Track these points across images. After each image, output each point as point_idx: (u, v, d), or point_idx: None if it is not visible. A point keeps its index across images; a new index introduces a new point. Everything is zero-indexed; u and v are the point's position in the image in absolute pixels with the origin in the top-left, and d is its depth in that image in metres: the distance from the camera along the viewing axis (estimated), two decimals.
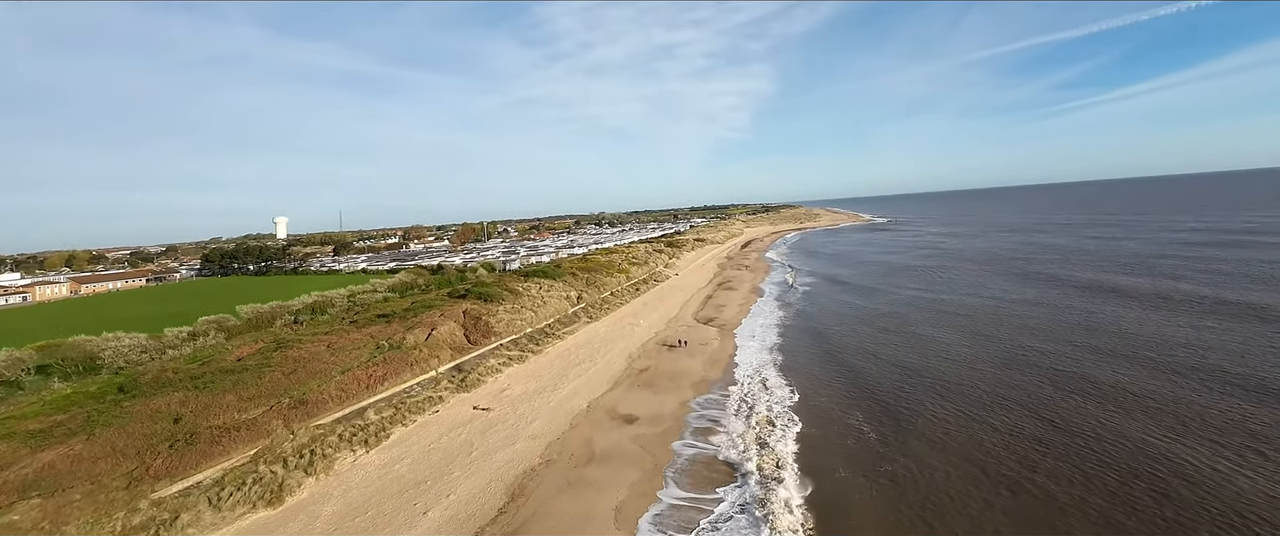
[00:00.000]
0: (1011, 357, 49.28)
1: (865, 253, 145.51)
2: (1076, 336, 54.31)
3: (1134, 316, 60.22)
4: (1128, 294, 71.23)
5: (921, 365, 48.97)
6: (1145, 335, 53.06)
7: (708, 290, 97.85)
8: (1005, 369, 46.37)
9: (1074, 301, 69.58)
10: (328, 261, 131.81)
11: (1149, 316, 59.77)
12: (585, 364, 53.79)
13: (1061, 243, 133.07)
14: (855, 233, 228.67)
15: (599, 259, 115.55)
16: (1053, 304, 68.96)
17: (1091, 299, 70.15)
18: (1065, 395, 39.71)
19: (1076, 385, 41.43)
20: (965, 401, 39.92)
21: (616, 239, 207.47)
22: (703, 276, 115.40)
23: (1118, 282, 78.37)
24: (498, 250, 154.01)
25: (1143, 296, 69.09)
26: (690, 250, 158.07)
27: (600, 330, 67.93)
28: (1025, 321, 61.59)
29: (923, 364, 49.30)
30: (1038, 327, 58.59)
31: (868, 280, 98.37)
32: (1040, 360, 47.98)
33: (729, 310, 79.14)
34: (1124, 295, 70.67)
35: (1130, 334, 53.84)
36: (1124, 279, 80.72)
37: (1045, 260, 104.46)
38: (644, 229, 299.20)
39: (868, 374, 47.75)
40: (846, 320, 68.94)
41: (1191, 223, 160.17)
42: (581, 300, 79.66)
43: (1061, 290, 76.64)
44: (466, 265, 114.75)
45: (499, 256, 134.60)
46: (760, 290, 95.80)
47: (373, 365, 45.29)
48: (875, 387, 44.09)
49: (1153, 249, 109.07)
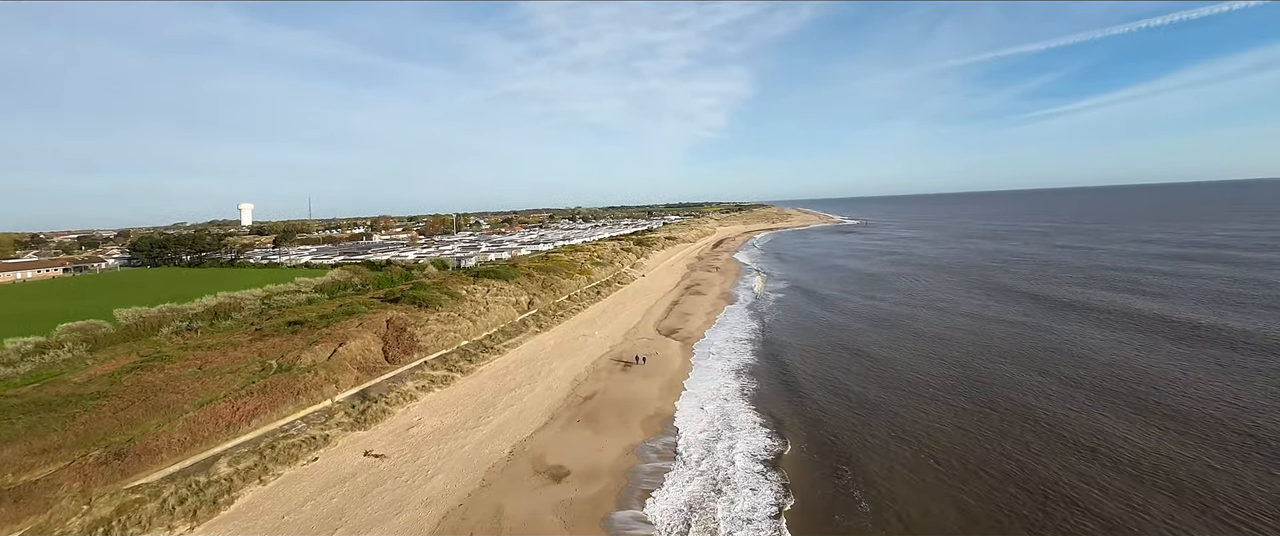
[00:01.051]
0: (992, 398, 41.74)
1: (836, 258, 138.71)
2: (1060, 367, 47.12)
3: (1120, 349, 53.47)
4: (1108, 317, 64.83)
5: (897, 407, 41.11)
6: (1135, 373, 46.14)
7: (674, 295, 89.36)
8: (987, 413, 38.73)
9: (1050, 322, 62.85)
10: (270, 253, 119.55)
11: (1137, 350, 53.09)
12: (521, 388, 44.68)
13: (1032, 252, 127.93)
14: (826, 235, 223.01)
15: (561, 258, 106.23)
16: (1029, 327, 62.05)
17: (1069, 321, 63.49)
18: (1056, 458, 32.10)
19: (1073, 443, 33.90)
20: (941, 465, 32.03)
21: (588, 235, 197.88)
22: (670, 278, 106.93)
23: (1095, 301, 72.09)
24: (458, 245, 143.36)
25: (1121, 320, 62.67)
26: (660, 249, 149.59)
27: (548, 343, 58.81)
28: (1001, 348, 54.36)
29: (897, 405, 41.45)
30: (1016, 354, 51.35)
31: (839, 288, 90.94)
32: (1024, 402, 40.52)
33: (695, 319, 70.73)
34: (1104, 320, 64.20)
35: (1124, 375, 46.87)
36: (1100, 296, 74.58)
37: (1017, 273, 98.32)
38: (618, 225, 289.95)
39: (847, 416, 39.68)
40: (819, 338, 60.93)
41: (1157, 234, 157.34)
42: (532, 305, 70.38)
43: (1038, 310, 69.95)
44: (417, 261, 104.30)
45: (457, 252, 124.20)
46: (729, 296, 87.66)
47: (246, 394, 35.51)
48: (855, 433, 35.98)
49: (1126, 262, 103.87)
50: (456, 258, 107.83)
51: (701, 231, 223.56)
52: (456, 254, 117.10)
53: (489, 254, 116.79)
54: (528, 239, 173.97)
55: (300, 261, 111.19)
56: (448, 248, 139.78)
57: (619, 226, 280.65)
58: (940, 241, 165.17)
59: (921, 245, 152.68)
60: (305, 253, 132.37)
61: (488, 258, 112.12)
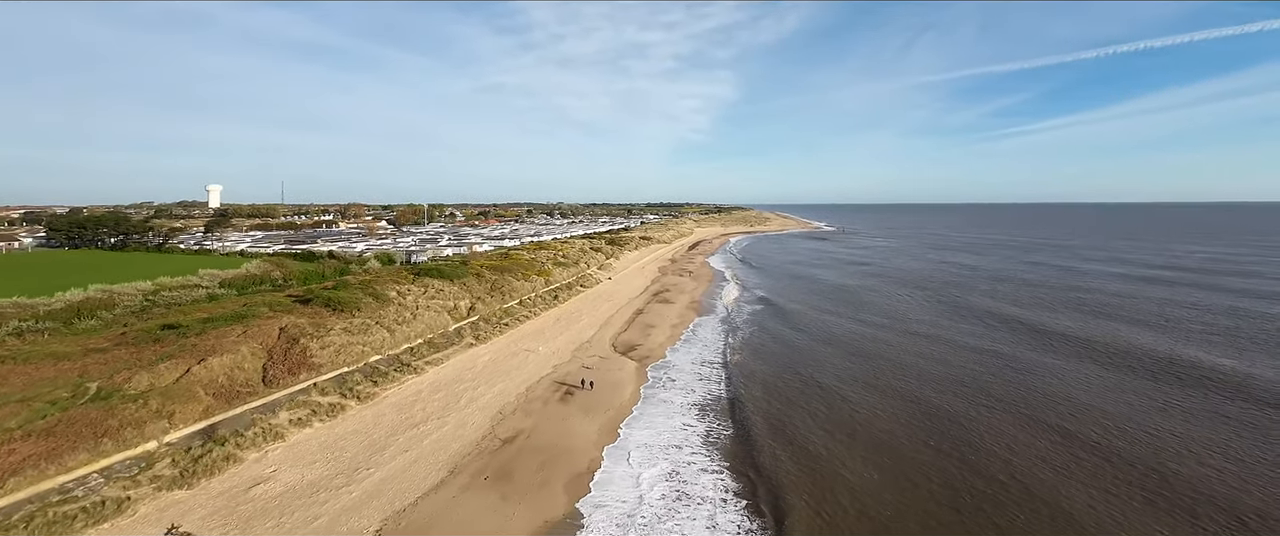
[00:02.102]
0: (973, 458, 33.55)
1: (813, 267, 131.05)
2: (1039, 411, 39.29)
3: (1114, 398, 45.93)
4: (1093, 351, 57.58)
5: (859, 477, 32.68)
6: (1128, 431, 38.46)
7: (640, 302, 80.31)
8: (965, 473, 30.47)
9: (1038, 355, 55.36)
10: (204, 237, 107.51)
11: (1132, 398, 45.57)
12: (428, 423, 35.20)
13: (1012, 271, 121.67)
14: (803, 241, 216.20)
15: (522, 257, 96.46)
16: (1017, 367, 54.52)
17: (1047, 352, 56.09)
18: None
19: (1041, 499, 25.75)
20: None
21: (563, 231, 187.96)
22: (639, 283, 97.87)
23: (1081, 332, 65.00)
24: (414, 238, 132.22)
25: (1109, 356, 55.42)
26: (632, 249, 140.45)
27: (481, 359, 49.25)
28: (985, 388, 46.52)
29: (861, 475, 33.03)
30: (1006, 400, 43.48)
31: (815, 305, 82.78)
32: (1005, 460, 32.39)
33: (658, 333, 61.77)
34: (1091, 354, 56.91)
35: (1121, 433, 39.18)
36: (1090, 327, 67.54)
37: (992, 293, 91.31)
38: (595, 222, 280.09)
39: (824, 470, 31.05)
40: (793, 370, 52.48)
41: (1132, 253, 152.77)
42: (473, 311, 60.68)
43: (1015, 341, 62.54)
44: (362, 254, 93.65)
45: (412, 245, 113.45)
46: (699, 305, 78.90)
47: (23, 436, 25.49)
48: (824, 492, 27.34)
49: (1105, 284, 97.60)
50: (408, 252, 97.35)
51: (678, 232, 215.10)
52: (410, 248, 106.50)
53: (445, 249, 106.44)
54: (496, 233, 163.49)
55: (236, 248, 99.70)
56: (405, 241, 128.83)
57: (596, 224, 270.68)
58: (917, 253, 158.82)
59: (898, 257, 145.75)
60: (247, 238, 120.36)
61: (443, 253, 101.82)
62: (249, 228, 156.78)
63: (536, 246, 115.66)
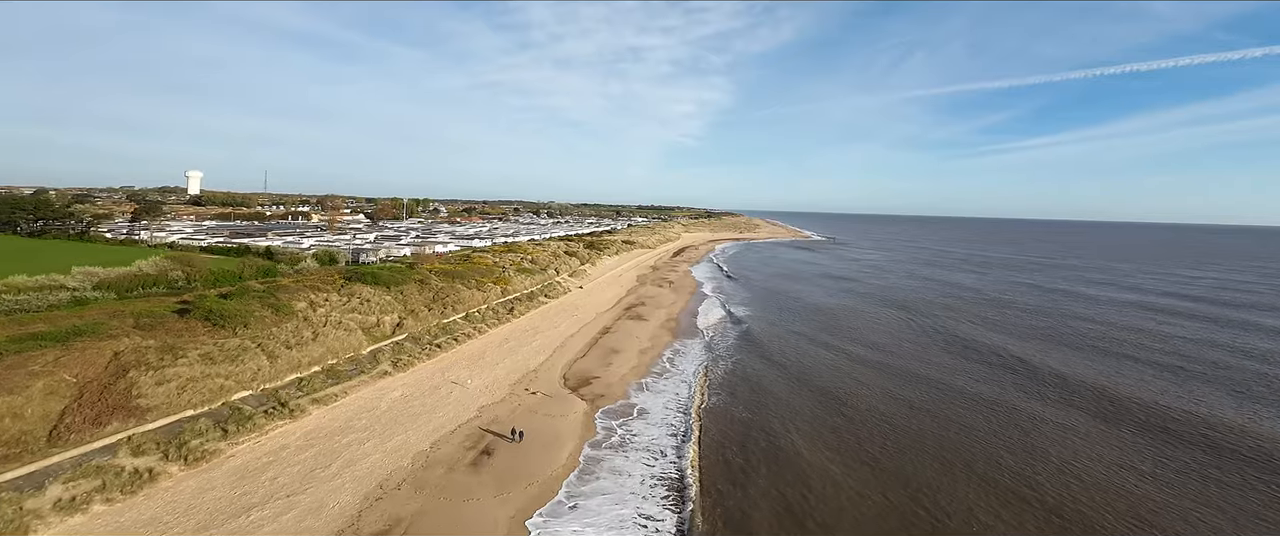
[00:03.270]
0: None
1: (804, 284, 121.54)
2: (1055, 496, 29.78)
3: (1118, 469, 36.60)
4: (1097, 402, 48.41)
5: None
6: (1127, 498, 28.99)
7: (609, 318, 70.26)
8: None
9: (1041, 408, 46.04)
10: (135, 226, 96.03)
11: (1146, 476, 36.24)
12: (266, 508, 24.84)
13: (1008, 294, 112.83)
14: (794, 252, 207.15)
15: (484, 260, 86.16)
16: (1016, 422, 45.20)
17: (1065, 406, 46.79)
18: None
19: None
20: None
21: (545, 232, 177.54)
22: (611, 294, 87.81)
23: (1096, 379, 55.93)
24: (375, 235, 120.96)
25: (1111, 409, 46.24)
26: (612, 254, 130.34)
27: (389, 395, 38.92)
28: (988, 462, 37.04)
29: None
30: (1002, 475, 33.98)
31: (805, 334, 73.21)
32: None
33: (622, 361, 51.73)
34: (1092, 405, 47.73)
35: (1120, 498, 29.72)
36: (1101, 372, 58.46)
37: (997, 325, 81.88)
38: (581, 223, 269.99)
39: None
40: (766, 423, 42.81)
41: (1135, 278, 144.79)
42: (402, 328, 50.28)
43: (1026, 391, 53.13)
44: (306, 252, 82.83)
45: (368, 242, 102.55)
46: (676, 326, 68.99)
47: None
48: None
49: (1114, 315, 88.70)
50: (357, 250, 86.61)
51: (664, 236, 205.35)
52: (362, 246, 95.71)
53: (405, 248, 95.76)
54: (471, 232, 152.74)
55: (167, 240, 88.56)
56: (366, 237, 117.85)
57: (582, 225, 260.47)
58: (910, 271, 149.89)
59: (890, 275, 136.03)
60: (187, 227, 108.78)
61: (401, 252, 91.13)
62: (202, 216, 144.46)
63: (505, 248, 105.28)
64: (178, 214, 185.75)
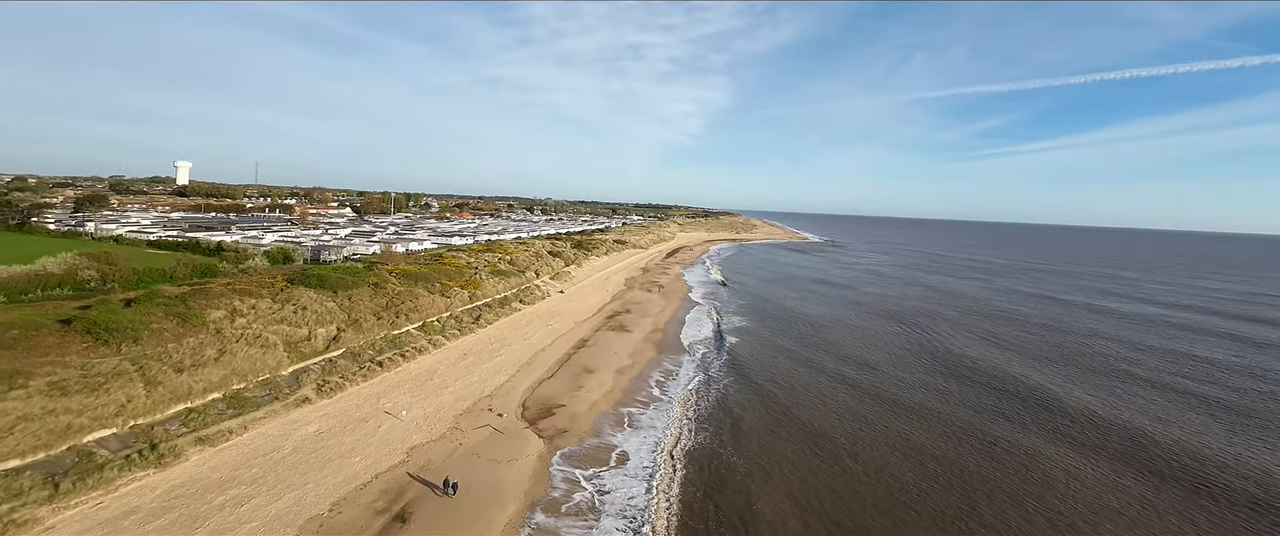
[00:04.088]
0: None
1: (804, 293, 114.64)
2: None
3: None
4: (1127, 443, 41.90)
5: None
6: None
7: (587, 328, 63.45)
8: None
9: (1053, 452, 39.53)
10: (80, 216, 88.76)
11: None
12: None
13: (1018, 307, 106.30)
14: (793, 255, 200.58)
15: (457, 260, 79.26)
16: (1034, 468, 38.68)
17: (1071, 443, 40.32)
18: None
19: None
20: None
21: (535, 229, 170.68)
22: (595, 299, 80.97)
23: (1105, 410, 49.44)
24: (349, 230, 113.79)
25: (1142, 458, 39.73)
26: (601, 255, 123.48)
27: (300, 431, 31.99)
28: (1002, 510, 30.44)
29: None
30: None
31: (797, 350, 66.65)
32: None
33: (595, 385, 44.93)
34: (1117, 447, 41.21)
35: None
36: (1110, 400, 51.95)
37: (1011, 346, 75.16)
38: (575, 221, 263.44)
39: None
40: (760, 479, 36.17)
41: (1152, 286, 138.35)
42: (338, 341, 43.36)
43: (1033, 425, 46.67)
44: (261, 249, 75.89)
45: (334, 239, 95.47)
46: (661, 338, 62.24)
47: None
48: None
49: (1138, 335, 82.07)
50: (317, 247, 79.65)
51: (659, 236, 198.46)
52: (324, 242, 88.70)
53: (374, 246, 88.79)
54: (456, 228, 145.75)
55: (114, 232, 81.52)
56: (339, 232, 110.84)
57: (575, 222, 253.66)
58: (913, 278, 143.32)
59: (892, 284, 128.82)
60: (145, 219, 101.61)
61: (368, 249, 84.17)
62: (177, 206, 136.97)
63: (484, 247, 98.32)
64: (150, 204, 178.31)
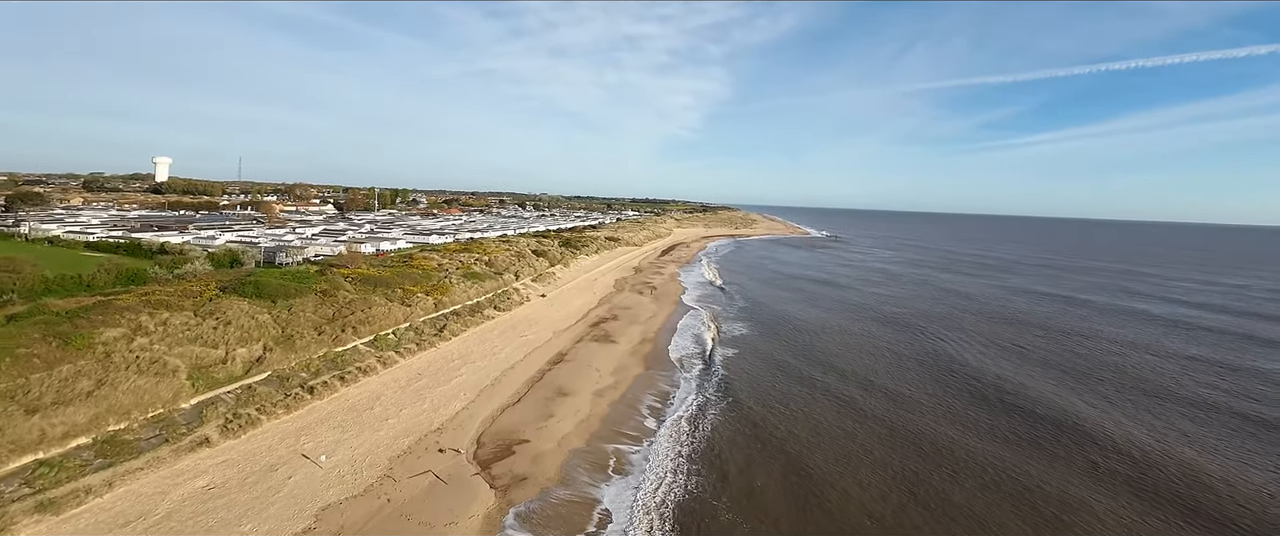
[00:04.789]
0: None
1: (811, 297, 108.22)
2: None
3: None
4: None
5: None
6: None
7: (567, 339, 57.20)
8: None
9: (1102, 502, 33.47)
10: (11, 218, 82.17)
11: None
12: None
13: (1042, 309, 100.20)
14: (793, 252, 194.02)
15: (428, 262, 72.99)
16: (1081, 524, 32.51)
17: (1118, 490, 34.25)
18: None
19: None
20: None
21: (526, 226, 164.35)
22: (579, 304, 74.69)
23: (1158, 444, 43.40)
24: (318, 229, 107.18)
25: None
26: (591, 253, 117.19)
27: (182, 489, 25.66)
28: None
29: None
30: None
31: (800, 365, 60.63)
32: None
33: (569, 411, 38.73)
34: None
35: None
36: (1161, 430, 45.90)
37: (1029, 353, 69.12)
38: (568, 216, 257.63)
39: None
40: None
41: (1185, 281, 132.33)
42: (263, 362, 37.06)
43: (1078, 464, 40.74)
44: (208, 250, 69.55)
45: (297, 240, 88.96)
46: (650, 351, 55.98)
47: None
48: None
49: (1160, 339, 75.90)
50: (271, 248, 73.30)
51: (654, 232, 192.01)
52: (293, 243, 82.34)
53: (338, 246, 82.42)
54: (436, 226, 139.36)
55: (47, 233, 75.11)
56: (308, 231, 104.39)
57: (568, 218, 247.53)
58: (925, 278, 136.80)
59: (903, 284, 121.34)
60: (94, 219, 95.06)
61: (332, 249, 77.82)
62: (146, 204, 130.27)
63: (461, 247, 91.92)
64: (118, 201, 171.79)
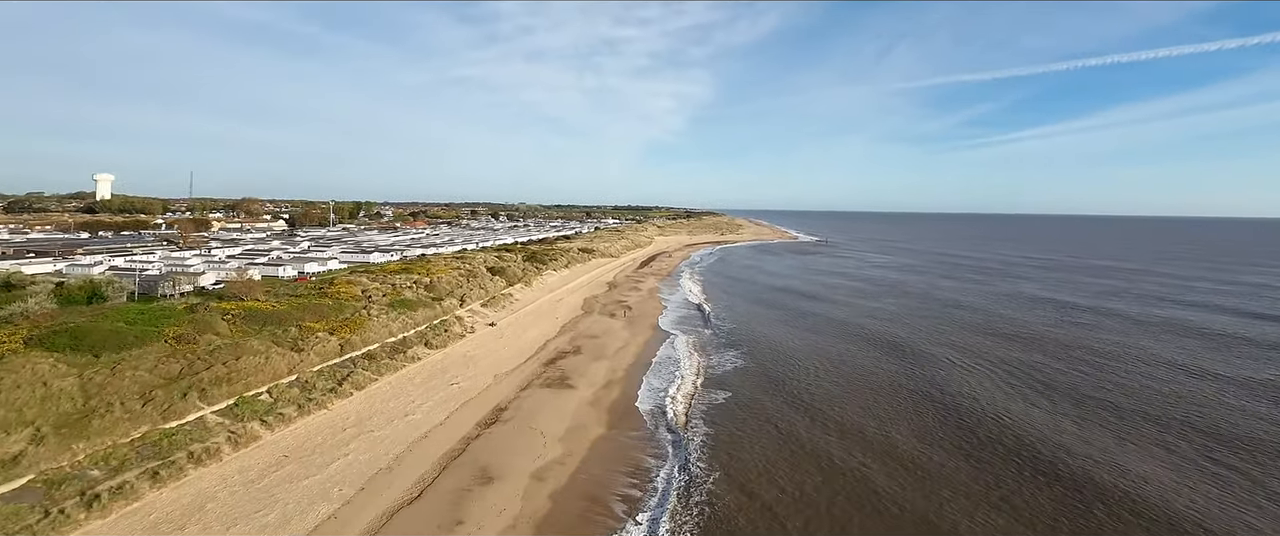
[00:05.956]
0: None
1: (801, 320, 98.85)
2: None
3: None
4: None
5: None
6: None
7: (508, 386, 46.04)
8: None
9: None
10: None
11: None
12: None
13: (1066, 326, 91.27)
14: (785, 260, 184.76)
15: (349, 289, 61.57)
16: None
17: None
18: None
19: None
20: None
21: (495, 238, 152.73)
22: (536, 333, 63.61)
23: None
24: (233, 250, 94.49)
25: None
26: (559, 268, 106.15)
27: None
28: None
29: None
30: None
31: (797, 417, 50.39)
32: None
33: (491, 515, 27.68)
34: None
35: None
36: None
37: (1065, 389, 59.91)
38: (543, 227, 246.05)
39: None
40: None
41: (1202, 282, 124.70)
42: (20, 464, 25.52)
43: None
44: (54, 283, 57.46)
45: (206, 264, 76.71)
46: (615, 395, 45.10)
47: None
48: None
49: (1222, 364, 67.33)
50: (152, 276, 61.36)
51: (633, 241, 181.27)
52: (191, 268, 70.23)
53: (251, 271, 70.50)
54: (386, 242, 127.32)
55: None
56: (222, 251, 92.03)
57: (543, 228, 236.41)
58: (930, 288, 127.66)
59: (908, 299, 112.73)
60: None
61: (245, 273, 65.86)
62: (65, 226, 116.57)
63: (401, 267, 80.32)
64: (33, 224, 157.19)
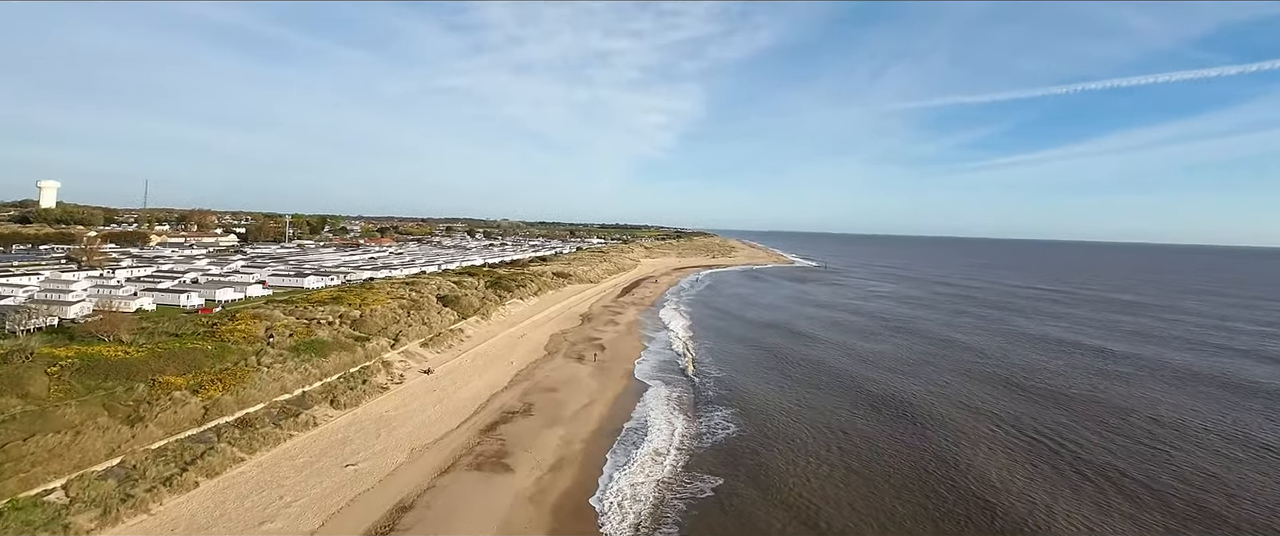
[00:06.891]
0: None
1: (812, 373, 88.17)
2: None
3: None
4: None
5: None
6: None
7: (421, 471, 34.62)
8: None
9: None
10: None
11: None
12: None
13: (1121, 389, 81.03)
14: (781, 288, 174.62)
15: (247, 329, 50.03)
16: None
17: None
18: None
19: None
20: None
21: (465, 258, 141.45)
22: (479, 385, 52.15)
23: None
24: (130, 273, 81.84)
25: None
26: (527, 296, 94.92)
27: None
28: None
29: None
30: None
31: None
32: None
33: None
34: None
35: None
36: None
37: (1113, 468, 49.80)
38: (521, 246, 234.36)
39: None
40: None
41: (1239, 325, 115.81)
42: None
43: None
44: None
45: (95, 289, 64.60)
46: (569, 487, 33.80)
47: None
48: None
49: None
50: (11, 307, 49.53)
51: (616, 264, 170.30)
52: (63, 296, 58.25)
53: (140, 299, 58.68)
54: (333, 264, 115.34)
55: None
56: (124, 272, 79.95)
57: (524, 247, 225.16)
58: (948, 329, 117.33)
59: (924, 342, 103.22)
60: None
61: (129, 306, 54.03)
62: None
63: (333, 295, 68.70)
64: None
